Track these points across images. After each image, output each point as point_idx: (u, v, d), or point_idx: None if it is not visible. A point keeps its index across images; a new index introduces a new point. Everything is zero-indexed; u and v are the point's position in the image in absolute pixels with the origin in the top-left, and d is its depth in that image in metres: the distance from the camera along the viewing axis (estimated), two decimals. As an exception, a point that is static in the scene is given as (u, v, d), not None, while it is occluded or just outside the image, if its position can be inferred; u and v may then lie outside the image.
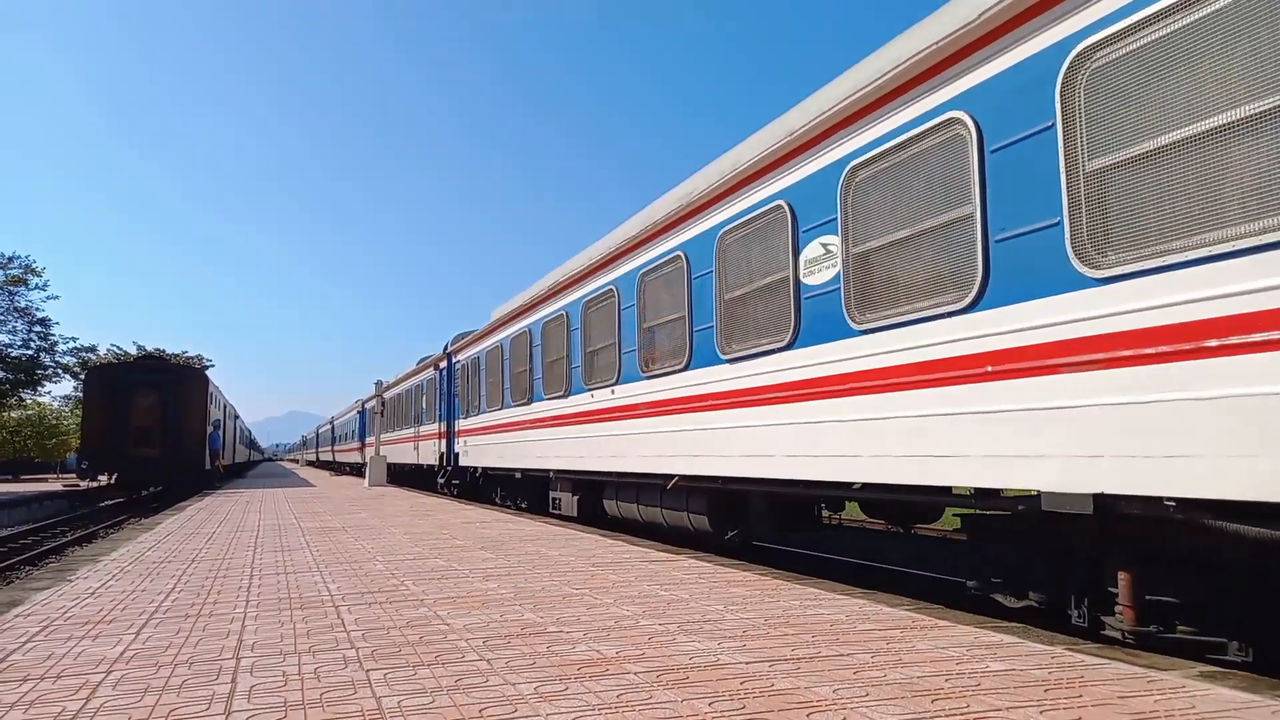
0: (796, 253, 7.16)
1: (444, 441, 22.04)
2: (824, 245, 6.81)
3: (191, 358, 62.10)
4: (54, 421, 58.61)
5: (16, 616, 5.20)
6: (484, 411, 17.89)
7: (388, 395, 32.59)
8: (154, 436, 25.73)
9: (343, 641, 4.44)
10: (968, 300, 5.42)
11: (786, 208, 7.31)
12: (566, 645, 4.30)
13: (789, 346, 7.22)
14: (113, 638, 4.58)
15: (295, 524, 12.07)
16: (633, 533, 10.49)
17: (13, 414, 53.41)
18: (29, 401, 52.98)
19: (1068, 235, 4.76)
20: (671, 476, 9.38)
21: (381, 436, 31.50)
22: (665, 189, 11.75)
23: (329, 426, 68.43)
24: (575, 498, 13.07)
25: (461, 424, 20.14)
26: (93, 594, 6.07)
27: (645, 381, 9.95)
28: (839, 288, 6.62)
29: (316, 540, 9.70)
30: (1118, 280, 4.46)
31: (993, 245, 5.29)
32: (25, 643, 4.47)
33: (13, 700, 3.40)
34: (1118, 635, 4.91)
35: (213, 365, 63.40)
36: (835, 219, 6.68)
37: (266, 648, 4.31)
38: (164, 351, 57.65)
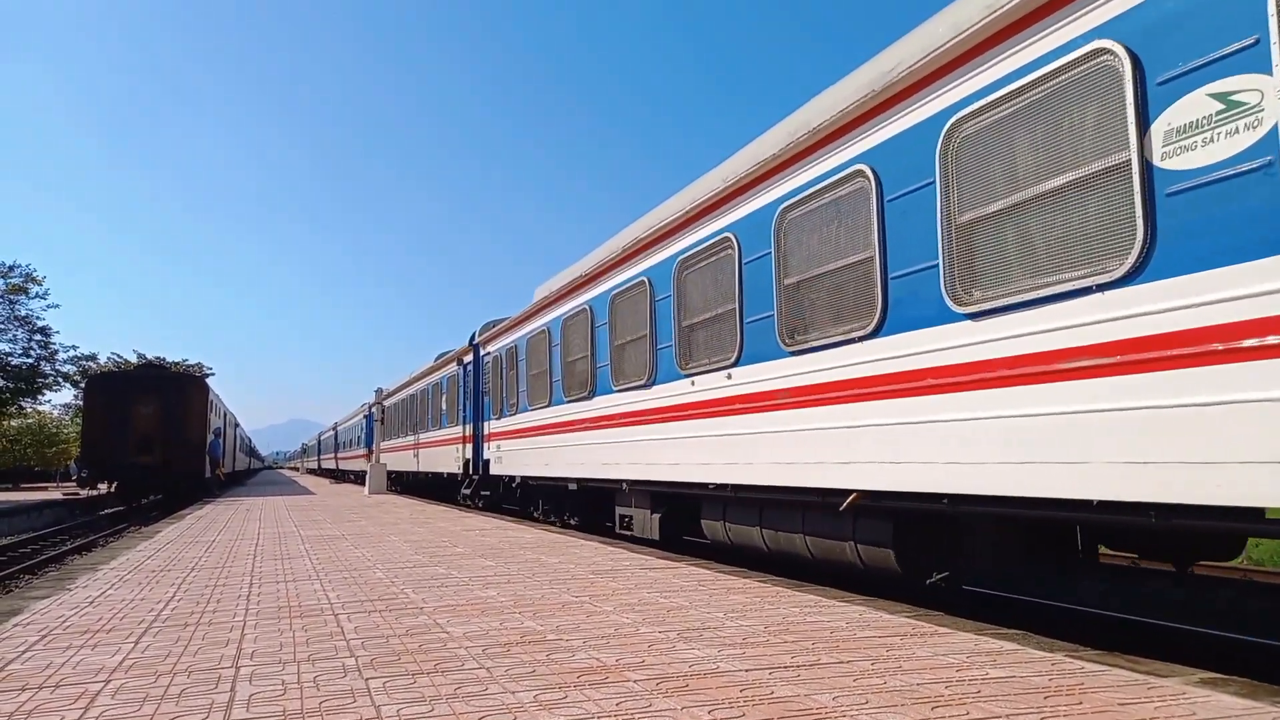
0: (1143, 121, 4.44)
1: (468, 447, 19.04)
2: (1223, 97, 4.10)
3: (192, 366, 62.20)
4: (54, 430, 58.63)
5: (15, 625, 5.19)
6: (524, 410, 14.82)
7: (394, 400, 31.14)
8: (154, 445, 25.73)
9: (342, 650, 4.44)
10: None
11: (1121, 54, 4.51)
12: (566, 653, 4.30)
13: (1127, 280, 4.47)
14: (112, 646, 4.58)
15: (295, 532, 12.06)
16: (747, 565, 8.18)
17: (13, 422, 53.42)
18: (29, 410, 53.03)
19: None
20: (836, 492, 6.60)
21: (383, 444, 30.99)
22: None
23: (332, 432, 64.66)
24: (656, 516, 10.30)
25: (493, 426, 17.01)
26: (92, 602, 6.06)
27: (790, 359, 7.20)
28: (1272, 160, 3.87)
29: (316, 548, 9.70)
30: None
31: None
32: (24, 652, 4.46)
33: (11, 710, 3.39)
34: None
35: (213, 373, 63.50)
36: (1263, 42, 3.92)
37: (266, 656, 4.31)
38: (164, 359, 57.71)
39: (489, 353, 17.85)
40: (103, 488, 27.22)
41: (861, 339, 6.32)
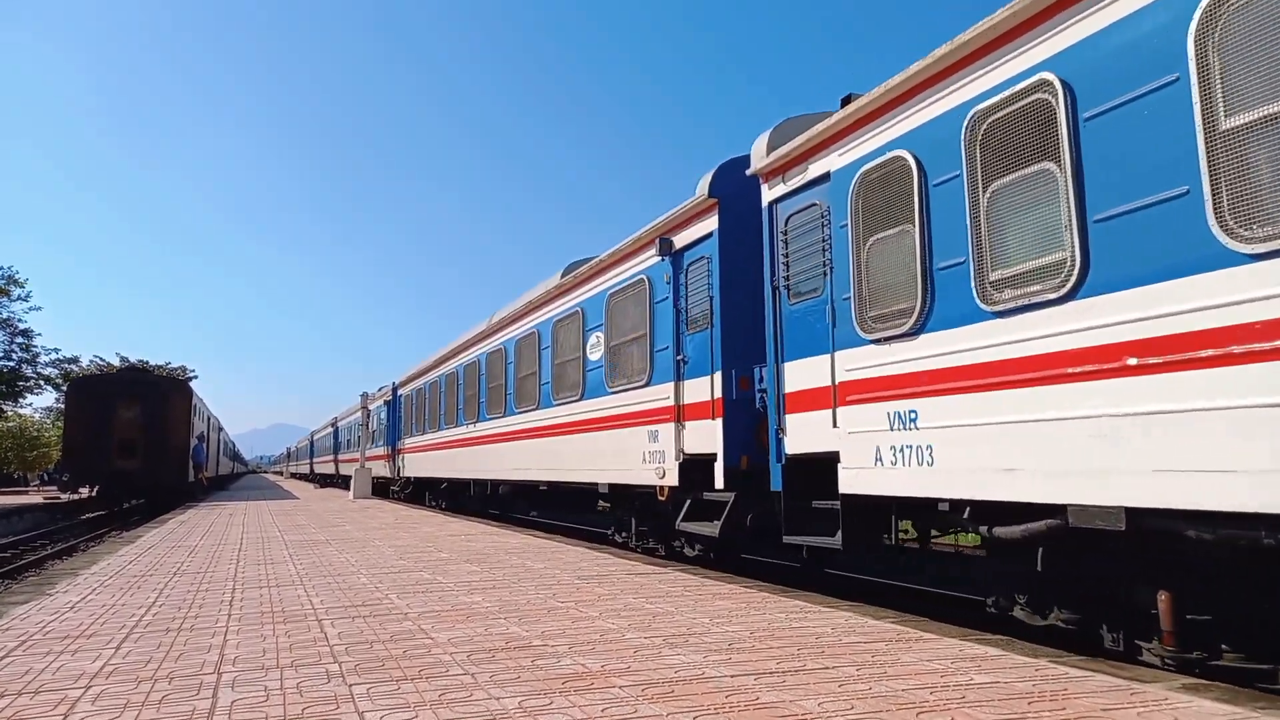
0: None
1: (700, 429, 8.82)
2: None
3: (175, 369, 61.77)
4: (35, 433, 58.05)
5: (-6, 631, 5.14)
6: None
7: (431, 377, 22.34)
8: (136, 449, 25.50)
9: (325, 656, 4.41)
10: None
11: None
12: (551, 659, 4.28)
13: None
14: (92, 652, 4.53)
15: (279, 536, 11.97)
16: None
17: (-7, 425, 52.94)
18: (10, 413, 52.54)
19: None
20: None
21: (405, 444, 24.16)
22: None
23: (330, 430, 52.70)
24: None
25: (850, 369, 6.63)
26: (72, 608, 6.00)
27: None
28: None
29: (300, 553, 9.63)
30: None
31: None
32: (3, 658, 4.41)
33: (-11, 716, 3.36)
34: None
35: (196, 377, 63.08)
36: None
37: (248, 662, 4.27)
38: (147, 363, 57.29)
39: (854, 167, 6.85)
40: (84, 492, 26.96)
41: None
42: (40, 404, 60.63)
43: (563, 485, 13.00)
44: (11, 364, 45.69)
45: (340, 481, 43.39)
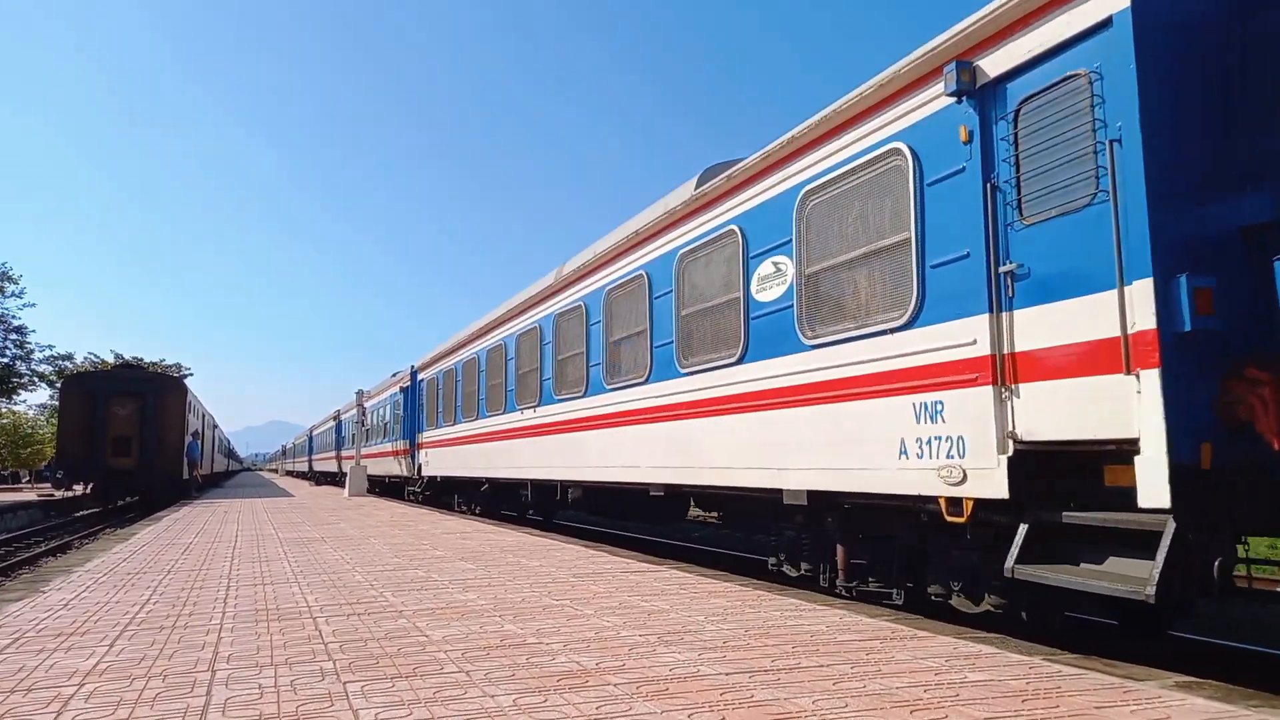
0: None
1: (1060, 390, 4.83)
2: None
3: (170, 366, 61.71)
4: (29, 430, 57.91)
5: (-13, 628, 5.12)
6: None
7: (492, 339, 16.16)
8: (131, 446, 25.44)
9: (320, 653, 4.40)
10: None
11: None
12: (546, 656, 4.28)
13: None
14: (86, 650, 4.52)
15: (274, 534, 11.95)
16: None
17: (-14, 422, 52.80)
18: (4, 410, 52.42)
19: None
20: None
21: (423, 437, 19.60)
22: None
23: (331, 423, 46.42)
24: None
25: None
26: (66, 605, 5.98)
27: None
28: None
29: (295, 551, 9.61)
30: None
31: None
32: (-4, 655, 4.40)
33: (-18, 714, 3.35)
34: None
35: (191, 374, 63.01)
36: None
37: (242, 660, 4.27)
38: (142, 360, 57.21)
39: None
40: (78, 489, 26.90)
41: None
42: (34, 401, 60.54)
43: (702, 491, 9.23)
44: (5, 360, 45.65)
45: (342, 480, 36.81)
